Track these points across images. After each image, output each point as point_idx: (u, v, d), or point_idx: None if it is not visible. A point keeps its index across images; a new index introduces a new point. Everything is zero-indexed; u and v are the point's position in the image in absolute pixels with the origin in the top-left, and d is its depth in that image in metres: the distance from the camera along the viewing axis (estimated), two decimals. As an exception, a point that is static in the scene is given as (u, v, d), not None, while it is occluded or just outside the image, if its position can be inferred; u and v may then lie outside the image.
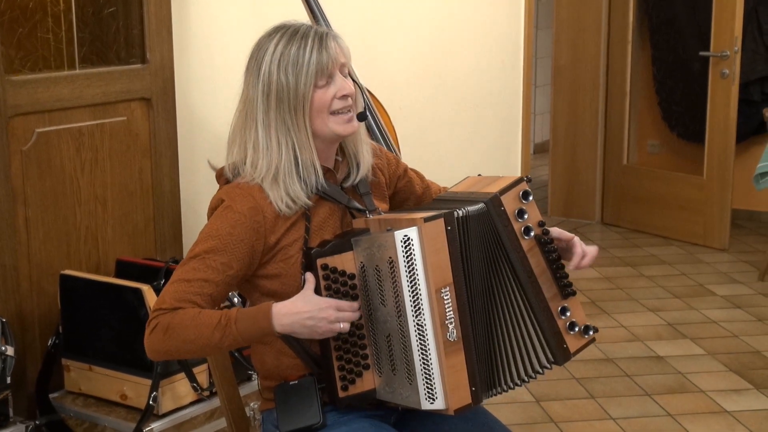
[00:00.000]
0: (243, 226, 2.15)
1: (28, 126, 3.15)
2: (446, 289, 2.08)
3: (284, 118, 2.17)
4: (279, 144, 2.17)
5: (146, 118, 3.49)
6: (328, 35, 2.20)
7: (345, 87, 2.20)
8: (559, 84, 7.15)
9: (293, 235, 2.20)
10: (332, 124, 2.20)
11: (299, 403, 2.20)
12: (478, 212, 2.15)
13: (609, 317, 5.13)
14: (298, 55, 2.15)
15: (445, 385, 2.08)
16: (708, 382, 4.30)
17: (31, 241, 3.21)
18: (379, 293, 2.12)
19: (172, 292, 2.12)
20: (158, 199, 3.55)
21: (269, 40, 2.20)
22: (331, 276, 2.14)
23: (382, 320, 2.13)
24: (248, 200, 2.17)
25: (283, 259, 2.19)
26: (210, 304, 2.14)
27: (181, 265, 2.16)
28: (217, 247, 2.14)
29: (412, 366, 2.09)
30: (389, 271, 2.09)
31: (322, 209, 2.24)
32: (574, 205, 7.18)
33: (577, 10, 6.95)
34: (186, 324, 2.09)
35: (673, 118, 7.01)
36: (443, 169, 5.21)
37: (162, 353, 2.16)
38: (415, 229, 2.06)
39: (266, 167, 2.17)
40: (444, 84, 5.19)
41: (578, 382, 4.31)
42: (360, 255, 2.14)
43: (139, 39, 3.46)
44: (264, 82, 2.17)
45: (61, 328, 3.23)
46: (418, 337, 2.07)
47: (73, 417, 3.18)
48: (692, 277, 5.79)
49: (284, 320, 2.08)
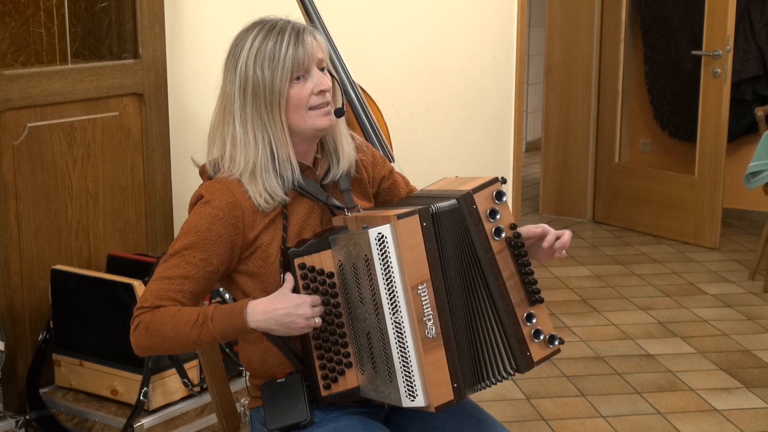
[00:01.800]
0: (221, 221, 2.15)
1: (19, 120, 3.15)
2: (423, 286, 2.07)
3: (260, 113, 2.17)
4: (255, 139, 2.17)
5: (138, 113, 3.49)
6: (305, 30, 2.19)
7: (322, 82, 2.19)
8: (552, 82, 7.16)
9: (271, 233, 2.20)
10: (310, 119, 2.19)
11: (286, 401, 2.20)
12: (450, 208, 2.14)
13: (599, 315, 5.14)
14: (275, 51, 2.15)
15: (425, 382, 2.06)
16: (698, 380, 4.31)
17: (23, 235, 3.20)
18: (358, 291, 2.11)
19: (154, 290, 2.14)
20: (150, 194, 3.55)
21: (247, 35, 2.20)
22: (309, 275, 2.14)
23: (362, 318, 2.12)
24: (227, 195, 2.17)
25: (263, 257, 2.20)
26: (191, 300, 2.15)
27: (162, 262, 2.17)
28: (195, 243, 2.15)
29: (392, 364, 2.08)
30: (366, 269, 2.08)
31: (301, 207, 2.24)
32: (566, 203, 7.19)
33: (570, 9, 6.96)
34: (165, 322, 2.10)
35: (665, 116, 7.02)
36: (435, 166, 5.22)
37: (146, 350, 2.17)
38: (389, 227, 2.05)
39: (244, 162, 2.18)
40: (436, 81, 5.19)
41: (569, 379, 4.32)
42: (338, 253, 2.14)
43: (131, 34, 3.46)
44: (241, 78, 2.17)
45: (51, 323, 3.23)
46: (396, 334, 2.07)
47: (63, 412, 3.18)
48: (683, 276, 5.80)
49: (259, 317, 2.08)
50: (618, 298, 5.41)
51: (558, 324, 4.98)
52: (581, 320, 5.06)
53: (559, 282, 5.65)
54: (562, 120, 7.11)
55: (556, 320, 5.03)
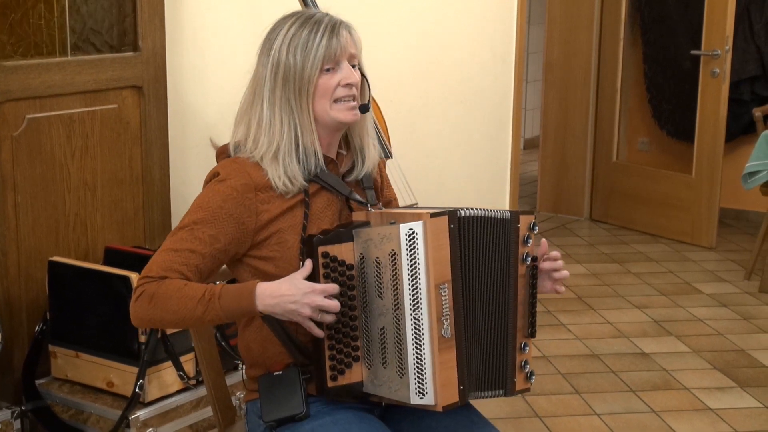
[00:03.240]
0: (234, 200, 2.17)
1: (18, 112, 3.15)
2: (445, 286, 2.10)
3: (288, 98, 2.20)
4: (282, 123, 2.20)
5: (137, 106, 3.49)
6: (341, 24, 2.24)
7: (350, 76, 2.22)
8: (551, 80, 7.16)
9: (290, 220, 2.21)
10: (334, 111, 2.22)
11: (283, 393, 2.21)
12: (496, 218, 2.19)
13: (595, 313, 5.14)
14: (309, 39, 2.19)
15: (435, 381, 2.09)
16: (692, 379, 4.32)
17: (20, 227, 3.20)
18: (377, 286, 2.13)
19: (160, 261, 2.14)
20: (148, 187, 3.55)
21: (284, 22, 2.24)
22: (330, 264, 2.14)
23: (378, 313, 2.13)
24: (242, 176, 2.19)
25: (278, 242, 2.21)
26: (197, 275, 2.16)
27: (171, 235, 2.18)
28: (206, 219, 2.16)
29: (405, 359, 2.10)
30: (390, 263, 2.10)
31: (320, 199, 2.26)
32: (563, 201, 7.20)
33: (570, 7, 6.96)
34: (170, 294, 2.10)
35: (663, 116, 7.03)
36: (433, 162, 5.22)
37: (146, 321, 2.17)
38: (421, 224, 2.08)
39: (267, 144, 2.20)
40: (435, 78, 5.19)
41: (563, 377, 4.33)
42: (360, 246, 2.15)
43: (131, 27, 3.46)
44: (273, 61, 2.20)
45: (48, 314, 3.23)
46: (414, 330, 2.09)
47: (59, 403, 3.18)
48: (679, 275, 5.81)
49: (268, 300, 2.09)
50: (614, 297, 5.42)
51: (554, 321, 4.99)
52: (577, 318, 5.07)
53: (556, 279, 5.65)
54: (561, 118, 7.12)
55: (552, 318, 5.04)
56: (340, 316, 2.14)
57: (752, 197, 6.56)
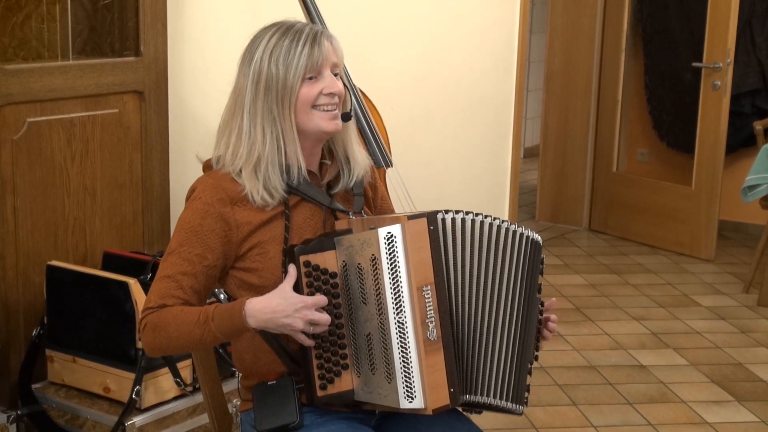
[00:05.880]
0: (212, 216, 2.18)
1: (19, 115, 3.15)
2: (427, 288, 2.10)
3: (271, 108, 2.19)
4: (264, 133, 2.19)
5: (138, 110, 3.49)
6: (322, 34, 2.23)
7: (333, 85, 2.22)
8: (551, 89, 7.16)
9: (271, 231, 2.22)
10: (316, 119, 2.22)
11: (277, 403, 2.21)
12: (483, 221, 2.19)
13: (593, 324, 5.14)
14: (290, 48, 2.18)
15: (424, 384, 2.08)
16: (690, 392, 4.32)
17: (19, 230, 3.20)
18: (361, 292, 2.12)
19: (156, 290, 2.16)
20: (147, 192, 3.55)
21: (265, 33, 2.23)
22: (313, 273, 2.14)
23: (363, 319, 2.13)
24: (217, 191, 2.20)
25: (260, 253, 2.21)
26: (194, 296, 2.17)
27: (163, 261, 2.20)
28: (189, 239, 2.17)
29: (392, 364, 2.09)
30: (371, 268, 2.10)
31: (303, 209, 2.26)
32: (562, 211, 7.20)
33: (572, 16, 6.97)
34: (169, 321, 2.12)
35: (664, 127, 7.03)
36: (433, 170, 5.22)
37: (157, 350, 2.19)
38: (399, 227, 2.08)
39: (247, 155, 2.20)
40: (436, 86, 5.19)
41: (560, 388, 4.32)
42: (342, 254, 2.15)
43: (133, 31, 3.45)
44: (254, 71, 2.20)
45: (45, 318, 3.22)
46: (398, 334, 2.08)
47: (55, 408, 3.18)
48: (677, 287, 5.81)
49: (260, 316, 2.08)
50: (612, 308, 5.42)
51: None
52: (574, 329, 5.06)
53: (554, 290, 5.66)
54: (561, 127, 7.12)
55: (550, 328, 5.03)
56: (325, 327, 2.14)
57: (752, 210, 6.56)
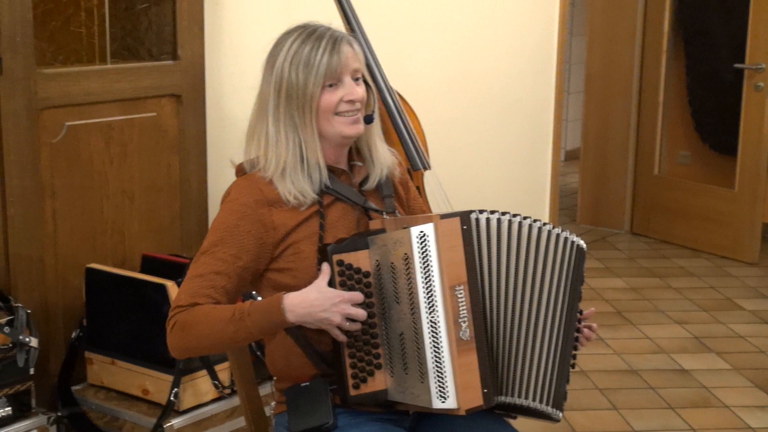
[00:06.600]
0: (248, 218, 2.19)
1: (57, 119, 3.17)
2: (460, 287, 2.09)
3: (292, 115, 2.20)
4: (287, 140, 2.21)
5: (175, 114, 3.50)
6: (342, 39, 2.22)
7: (353, 92, 2.22)
8: (591, 91, 7.12)
9: (305, 231, 2.22)
10: (337, 125, 2.22)
11: (310, 404, 2.20)
12: (520, 221, 2.18)
13: (634, 328, 5.09)
14: (310, 56, 2.18)
15: (456, 384, 2.07)
16: (732, 397, 4.26)
17: (58, 233, 3.22)
18: (394, 291, 2.12)
19: (187, 289, 2.16)
20: (185, 195, 3.56)
21: (287, 38, 2.24)
22: (346, 272, 2.14)
23: (396, 318, 2.13)
24: (254, 193, 2.21)
25: (295, 253, 2.21)
26: (225, 296, 2.17)
27: (194, 262, 2.20)
28: (224, 239, 2.17)
29: (425, 364, 2.08)
30: (404, 267, 2.10)
31: (335, 209, 2.26)
32: (603, 214, 7.15)
33: (612, 18, 6.92)
34: (201, 320, 2.11)
35: (706, 129, 6.96)
36: (471, 172, 5.20)
37: (183, 351, 2.18)
38: (431, 226, 2.08)
39: (275, 162, 2.21)
40: (474, 88, 5.17)
41: (601, 392, 4.29)
42: (375, 253, 2.15)
43: (170, 35, 3.47)
44: (277, 78, 2.21)
45: (85, 321, 3.25)
46: (431, 333, 2.08)
47: (94, 410, 3.20)
48: (720, 291, 5.74)
49: (298, 311, 2.09)
50: (653, 312, 5.36)
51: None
52: (615, 333, 5.02)
53: (595, 293, 5.61)
54: (602, 130, 7.07)
55: (590, 332, 4.99)
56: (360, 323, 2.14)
57: (796, 213, 6.47)
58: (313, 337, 2.21)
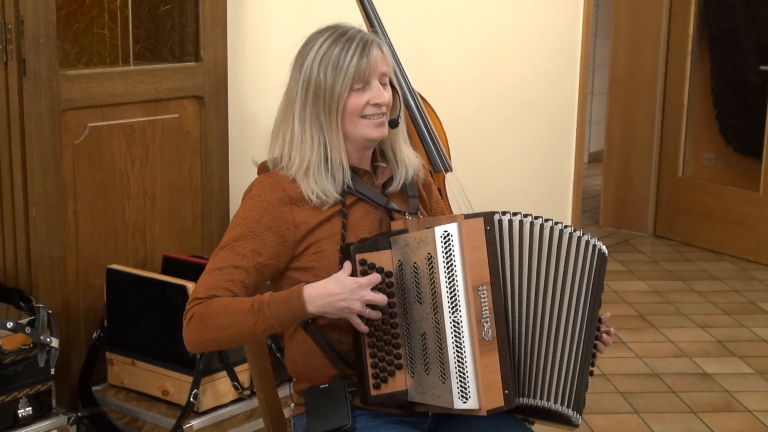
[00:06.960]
0: (270, 214, 2.19)
1: (80, 120, 3.18)
2: (483, 288, 2.09)
3: (318, 115, 2.21)
4: (312, 139, 2.21)
5: (198, 116, 3.51)
6: (372, 42, 2.23)
7: (379, 96, 2.22)
8: (615, 93, 7.09)
9: (327, 230, 2.22)
10: (362, 128, 2.23)
11: (328, 406, 2.20)
12: (543, 224, 2.19)
13: (657, 331, 5.07)
14: (339, 57, 2.19)
15: (478, 385, 2.07)
16: (755, 401, 4.23)
17: (80, 234, 3.23)
18: (416, 291, 2.12)
19: (206, 282, 2.16)
20: (207, 197, 3.57)
21: (317, 38, 2.24)
22: (368, 272, 2.14)
23: (418, 318, 2.13)
24: (277, 190, 2.21)
25: (317, 252, 2.21)
26: (243, 291, 2.17)
27: (213, 255, 2.20)
28: (245, 234, 2.18)
29: (447, 363, 2.08)
30: (427, 267, 2.10)
31: (358, 209, 2.27)
32: (626, 216, 7.12)
33: (637, 20, 6.88)
34: (219, 311, 2.11)
35: (730, 131, 6.91)
36: (493, 175, 5.19)
37: (200, 344, 2.18)
38: (455, 226, 2.09)
39: (299, 161, 2.22)
40: (497, 90, 5.16)
41: (622, 396, 4.27)
42: (398, 253, 2.15)
43: (193, 37, 3.48)
44: (305, 78, 2.21)
45: (105, 321, 3.26)
46: (453, 333, 2.08)
47: (114, 410, 3.21)
48: (744, 294, 5.70)
49: (318, 301, 2.09)
50: (676, 315, 5.33)
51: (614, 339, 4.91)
52: (638, 336, 5.00)
53: (617, 296, 5.59)
54: (625, 132, 7.04)
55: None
56: (381, 323, 2.14)
57: (821, 216, 6.42)
58: (333, 337, 2.22)
